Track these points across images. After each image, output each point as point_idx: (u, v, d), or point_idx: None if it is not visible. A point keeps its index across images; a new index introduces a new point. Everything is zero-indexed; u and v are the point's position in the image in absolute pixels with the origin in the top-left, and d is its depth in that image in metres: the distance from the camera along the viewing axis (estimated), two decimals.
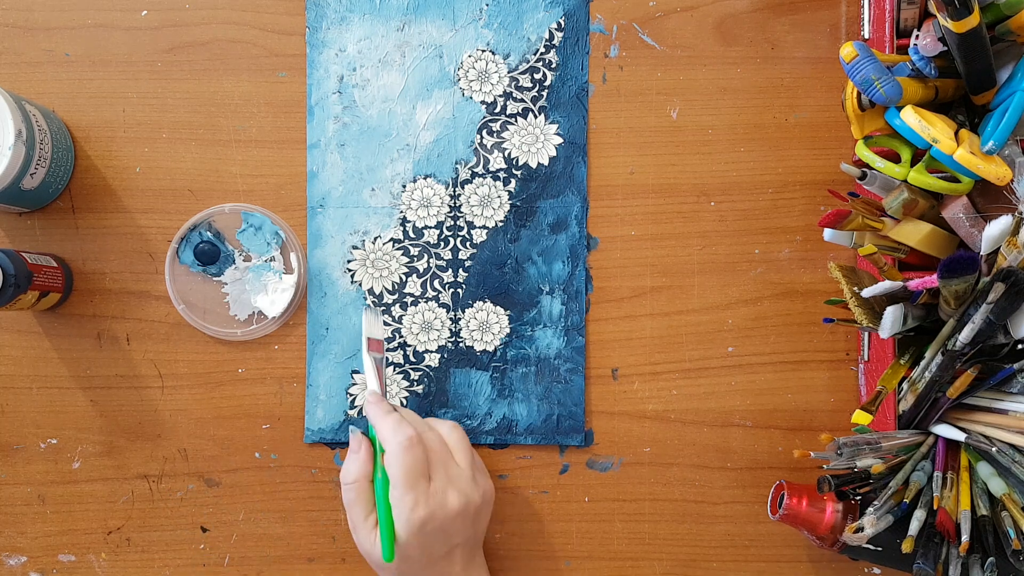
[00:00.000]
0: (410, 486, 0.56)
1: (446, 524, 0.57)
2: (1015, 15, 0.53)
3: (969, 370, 0.52)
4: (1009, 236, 0.49)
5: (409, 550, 0.56)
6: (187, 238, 0.65)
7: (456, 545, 0.59)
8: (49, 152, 0.62)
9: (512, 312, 0.66)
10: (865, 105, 0.56)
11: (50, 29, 0.66)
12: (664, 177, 0.66)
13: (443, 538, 0.57)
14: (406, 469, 0.56)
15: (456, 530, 0.58)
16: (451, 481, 0.58)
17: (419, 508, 0.56)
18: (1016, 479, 0.52)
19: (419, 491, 0.56)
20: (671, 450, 0.66)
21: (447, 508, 0.57)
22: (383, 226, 0.66)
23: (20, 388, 0.66)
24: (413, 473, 0.56)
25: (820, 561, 0.66)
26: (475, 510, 0.58)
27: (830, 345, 0.66)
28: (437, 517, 0.56)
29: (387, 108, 0.66)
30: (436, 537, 0.57)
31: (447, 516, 0.57)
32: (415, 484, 0.56)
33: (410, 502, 0.56)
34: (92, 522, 0.66)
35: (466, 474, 0.59)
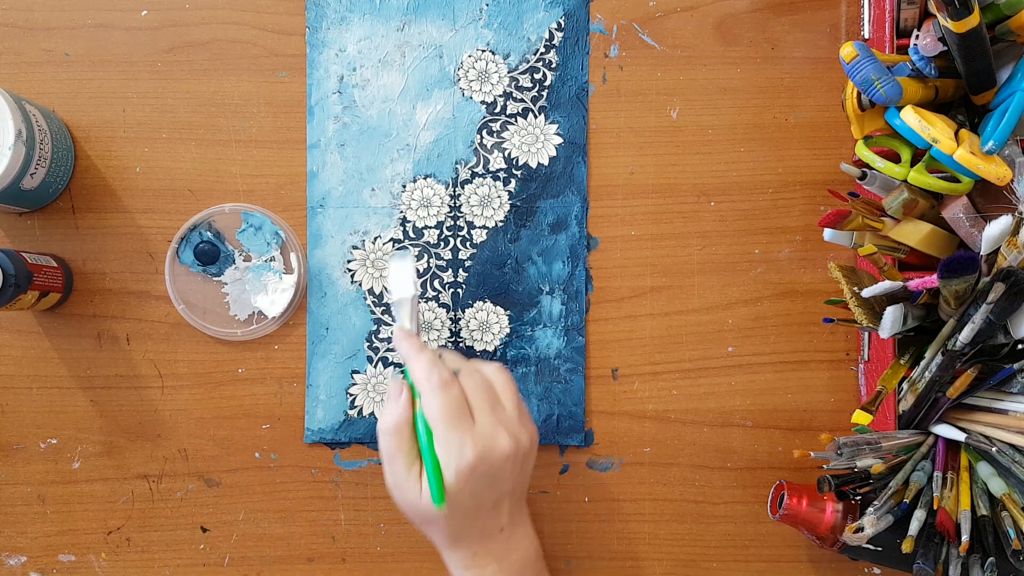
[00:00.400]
0: (453, 426, 0.52)
1: (496, 468, 0.53)
2: (1015, 15, 0.53)
3: (969, 370, 0.52)
4: (1009, 236, 0.49)
5: (459, 497, 0.52)
6: (187, 238, 0.65)
7: (505, 493, 0.55)
8: (49, 152, 0.62)
9: (512, 312, 0.66)
10: (865, 105, 0.56)
11: (50, 29, 0.66)
12: (664, 177, 0.66)
13: (494, 484, 0.54)
14: (445, 409, 0.52)
15: (506, 476, 0.54)
16: (499, 422, 0.54)
17: (467, 450, 0.52)
18: (1016, 479, 0.52)
19: (464, 431, 0.52)
20: (671, 450, 0.66)
21: (497, 450, 0.53)
22: (383, 226, 0.66)
23: (20, 388, 0.66)
24: (454, 413, 0.52)
25: (820, 561, 0.66)
26: (524, 454, 0.55)
27: (830, 345, 0.66)
28: (487, 460, 0.52)
29: (387, 108, 0.66)
30: (486, 482, 0.53)
31: (497, 459, 0.53)
32: (458, 424, 0.52)
33: (456, 444, 0.52)
34: (92, 522, 0.66)
35: (513, 416, 0.55)
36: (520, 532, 0.57)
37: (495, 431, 0.53)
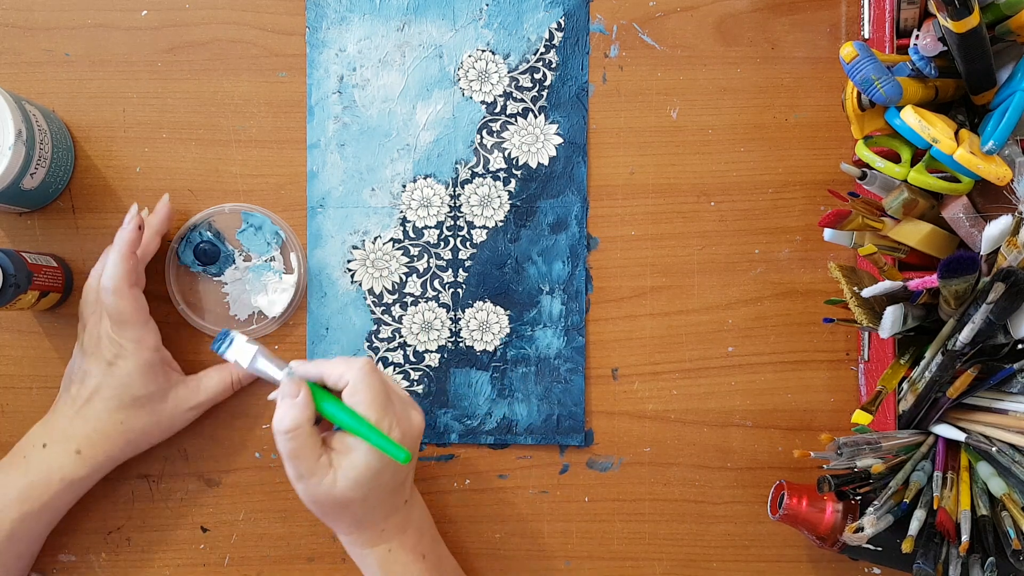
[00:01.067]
0: (384, 408, 0.54)
1: (412, 443, 0.56)
2: (1015, 15, 0.53)
3: (969, 370, 0.52)
4: (1009, 236, 0.49)
5: (382, 477, 0.55)
6: (187, 238, 0.65)
7: (411, 469, 0.58)
8: (49, 152, 0.62)
9: (512, 312, 0.66)
10: (865, 105, 0.56)
11: (50, 29, 0.66)
12: (664, 177, 0.66)
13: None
14: (377, 391, 0.54)
15: (416, 450, 0.57)
16: (406, 402, 0.57)
17: (395, 430, 0.54)
18: (1016, 479, 0.52)
19: (391, 413, 0.54)
20: (671, 450, 0.66)
21: (414, 428, 0.56)
22: (383, 226, 0.66)
23: (20, 388, 0.66)
24: (383, 394, 0.54)
25: (820, 561, 0.66)
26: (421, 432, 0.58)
27: (830, 345, 0.66)
28: (408, 437, 0.55)
29: (387, 108, 0.66)
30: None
31: (414, 434, 0.56)
32: (387, 405, 0.54)
33: (387, 425, 0.54)
34: (92, 522, 0.66)
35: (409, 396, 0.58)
36: (417, 502, 0.61)
37: (406, 409, 0.56)
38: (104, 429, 0.60)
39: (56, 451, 0.59)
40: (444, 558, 0.62)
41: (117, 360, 0.59)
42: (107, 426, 0.60)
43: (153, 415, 0.61)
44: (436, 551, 0.61)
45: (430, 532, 0.61)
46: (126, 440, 0.61)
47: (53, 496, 0.59)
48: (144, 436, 0.61)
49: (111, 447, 0.60)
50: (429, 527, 0.61)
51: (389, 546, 0.58)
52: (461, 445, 0.66)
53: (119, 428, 0.60)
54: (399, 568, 0.58)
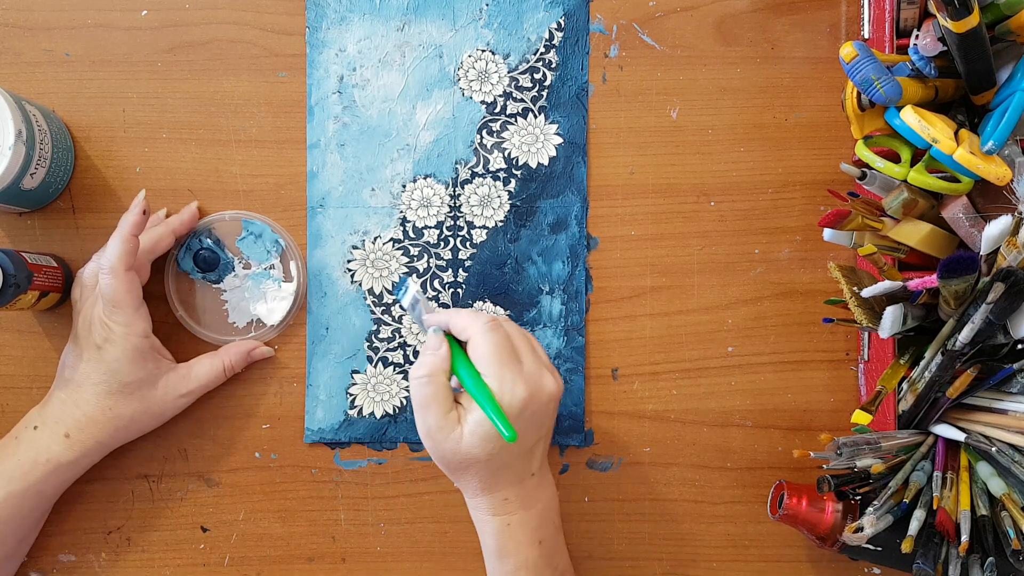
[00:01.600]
0: (505, 365, 0.53)
1: (541, 408, 0.54)
2: (1015, 15, 0.53)
3: (969, 370, 0.52)
4: (1009, 236, 0.49)
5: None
6: (187, 245, 0.65)
7: (541, 437, 0.57)
8: (49, 152, 0.62)
9: (512, 312, 0.66)
10: (865, 105, 0.56)
11: (50, 29, 0.66)
12: (664, 177, 0.66)
13: (537, 425, 0.55)
14: (497, 349, 0.53)
15: (547, 417, 0.56)
16: (542, 368, 0.55)
17: (519, 388, 0.53)
18: (1016, 479, 0.52)
19: (515, 371, 0.53)
20: (671, 450, 0.66)
21: (544, 390, 0.54)
22: (383, 226, 0.66)
23: (20, 388, 0.66)
24: (505, 353, 0.54)
25: (820, 561, 0.66)
26: (558, 398, 0.56)
27: (830, 345, 0.66)
28: (536, 399, 0.54)
29: (387, 108, 0.66)
30: (532, 423, 0.55)
31: (544, 398, 0.54)
32: (510, 363, 0.53)
33: (510, 380, 0.53)
34: (92, 522, 0.66)
35: (548, 363, 0.57)
36: (546, 482, 0.59)
37: (540, 371, 0.55)
38: (92, 414, 0.60)
39: (45, 434, 0.60)
40: (559, 551, 0.60)
41: (106, 345, 0.59)
42: (95, 411, 0.60)
43: (142, 402, 0.61)
44: (555, 541, 0.59)
45: (554, 521, 0.59)
46: (115, 427, 0.61)
47: (39, 478, 0.59)
48: (133, 423, 0.61)
49: (99, 432, 0.60)
50: (554, 515, 0.59)
51: (509, 520, 0.57)
52: None
53: (108, 414, 0.60)
54: (513, 546, 0.57)
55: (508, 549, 0.57)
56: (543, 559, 0.57)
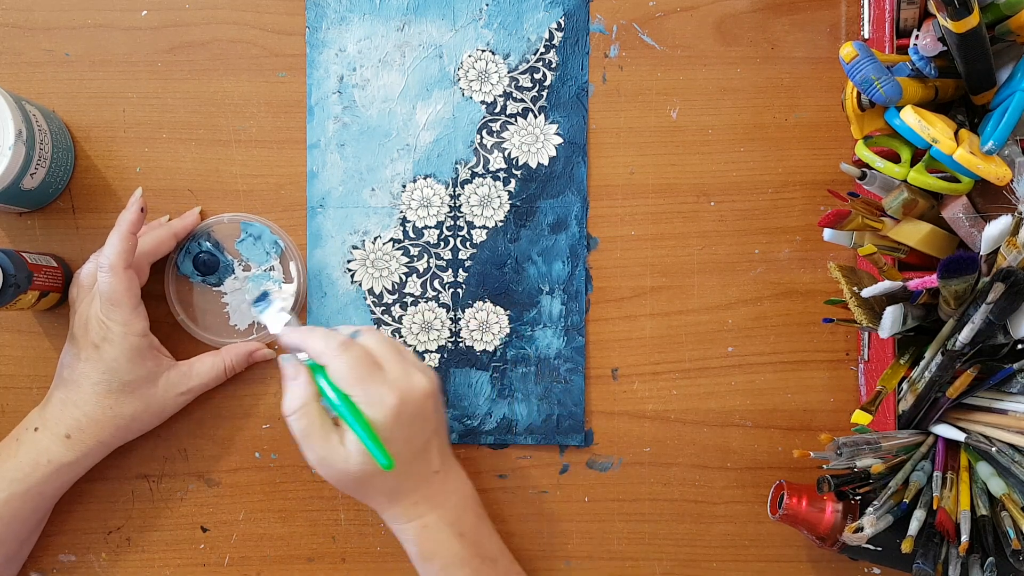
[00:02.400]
0: (367, 380, 0.54)
1: (419, 407, 0.55)
2: (1015, 15, 0.53)
3: (969, 370, 0.52)
4: (1009, 236, 0.49)
5: (392, 447, 0.54)
6: (186, 248, 0.65)
7: (431, 433, 0.57)
8: (49, 152, 0.62)
9: (512, 312, 0.66)
10: (865, 105, 0.56)
11: (50, 29, 0.66)
12: (664, 177, 0.66)
13: (420, 425, 0.56)
14: (353, 365, 0.54)
15: (429, 414, 0.56)
16: (410, 368, 0.56)
17: (387, 398, 0.53)
18: (1016, 479, 0.52)
19: (379, 382, 0.54)
20: (671, 450, 0.66)
21: (416, 389, 0.55)
22: (383, 226, 0.66)
23: (20, 388, 0.66)
24: (364, 368, 0.54)
25: (820, 561, 0.66)
26: (437, 392, 0.57)
27: (830, 345, 0.66)
28: (409, 401, 0.54)
29: (387, 108, 0.66)
30: (414, 424, 0.55)
31: (418, 397, 0.55)
32: (371, 377, 0.54)
33: (376, 395, 0.53)
34: (92, 522, 0.66)
35: (416, 362, 0.57)
36: (453, 475, 0.59)
37: (407, 373, 0.55)
38: (93, 414, 0.60)
39: (46, 435, 0.60)
40: (486, 539, 0.60)
41: (103, 344, 0.59)
42: (95, 411, 0.60)
43: (142, 400, 0.61)
44: (478, 530, 0.59)
45: (473, 511, 0.59)
46: (115, 426, 0.61)
47: (40, 479, 0.59)
48: (134, 422, 0.61)
49: (100, 432, 0.60)
50: (472, 506, 0.60)
51: (424, 521, 0.57)
52: (461, 445, 0.66)
53: (108, 414, 0.60)
54: (434, 546, 0.57)
55: (430, 551, 0.57)
56: (468, 551, 0.58)
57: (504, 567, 0.60)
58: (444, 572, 0.58)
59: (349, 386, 0.54)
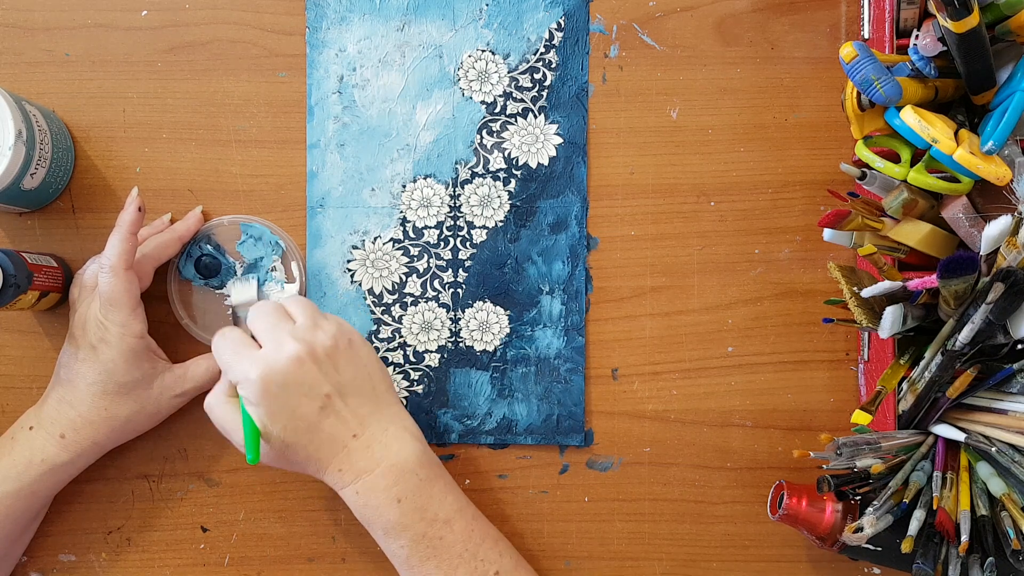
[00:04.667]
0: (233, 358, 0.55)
1: (289, 375, 0.55)
2: (1015, 15, 0.53)
3: (969, 370, 0.52)
4: (1009, 236, 0.49)
5: (272, 419, 0.55)
6: (187, 252, 0.65)
7: (325, 395, 0.56)
8: (49, 152, 0.62)
9: (512, 312, 0.66)
10: (865, 105, 0.56)
11: (50, 29, 0.66)
12: (664, 177, 0.66)
13: (299, 392, 0.55)
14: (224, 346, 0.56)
15: (310, 378, 0.55)
16: (281, 335, 0.56)
17: (250, 370, 0.54)
18: (1016, 479, 0.52)
19: (244, 357, 0.55)
20: (671, 450, 0.66)
21: (281, 359, 0.55)
22: (383, 226, 0.66)
23: (20, 388, 0.66)
24: (231, 348, 0.56)
25: (820, 561, 0.66)
26: (325, 353, 0.56)
27: (830, 345, 0.66)
28: (274, 370, 0.54)
29: (387, 108, 0.66)
30: (290, 394, 0.55)
31: (284, 365, 0.55)
32: (238, 353, 0.55)
33: (239, 370, 0.55)
34: (92, 522, 0.66)
35: (304, 324, 0.57)
36: (386, 439, 0.58)
37: (277, 344, 0.56)
38: (88, 415, 0.60)
39: (41, 434, 0.60)
40: (436, 501, 0.57)
41: (101, 345, 0.59)
42: (91, 412, 0.60)
43: (137, 402, 0.61)
44: (420, 495, 0.57)
45: (413, 475, 0.57)
46: (110, 427, 0.61)
47: (34, 479, 0.59)
48: (129, 423, 0.61)
49: (95, 433, 0.60)
50: (414, 467, 0.57)
51: (355, 488, 0.57)
52: (461, 445, 0.66)
53: (103, 415, 0.60)
54: (368, 512, 0.57)
55: (368, 517, 0.57)
56: (409, 516, 0.56)
57: (462, 527, 0.58)
58: (386, 537, 0.57)
59: (225, 371, 0.56)
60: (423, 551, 0.57)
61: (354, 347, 0.58)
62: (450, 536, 0.57)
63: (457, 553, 0.57)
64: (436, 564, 0.57)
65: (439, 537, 0.57)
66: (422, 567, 0.57)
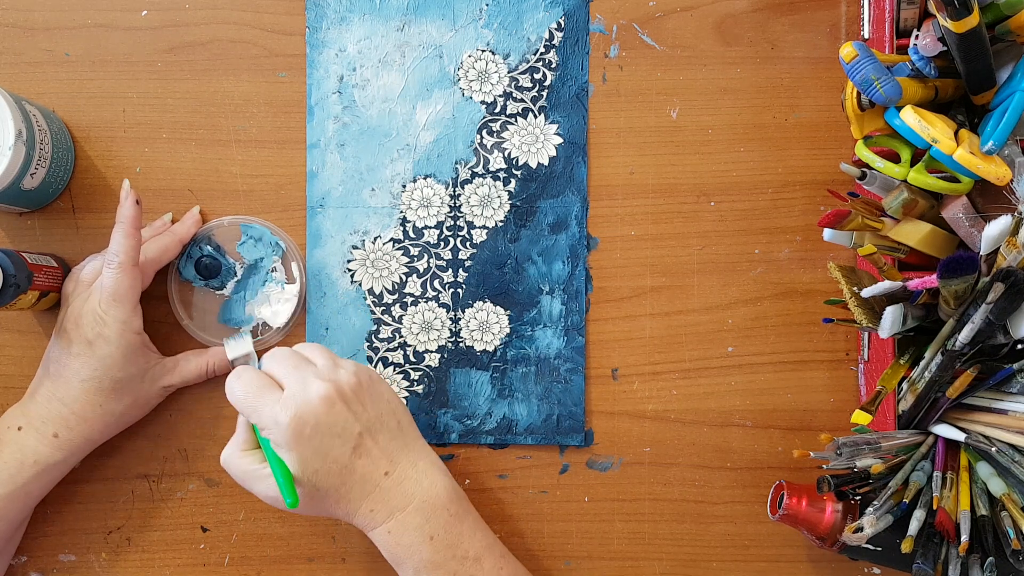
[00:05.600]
0: (258, 402, 0.54)
1: (321, 416, 0.53)
2: (1015, 15, 0.53)
3: (969, 370, 0.52)
4: (1009, 236, 0.49)
5: (305, 464, 0.54)
6: (188, 253, 0.65)
7: (357, 435, 0.55)
8: (49, 152, 0.62)
9: (512, 312, 0.66)
10: (865, 105, 0.56)
11: (50, 29, 0.66)
12: (664, 177, 0.66)
13: (331, 433, 0.54)
14: (245, 391, 0.54)
15: (341, 419, 0.54)
16: (306, 376, 0.55)
17: (280, 414, 0.53)
18: (1016, 479, 0.52)
19: (270, 400, 0.54)
20: (671, 450, 0.66)
21: (312, 400, 0.53)
22: (383, 226, 0.66)
23: (20, 388, 0.66)
24: (254, 390, 0.54)
25: (820, 561, 0.66)
26: (352, 391, 0.55)
27: (830, 345, 0.66)
28: (307, 412, 0.53)
29: (387, 108, 0.66)
30: (323, 436, 0.54)
31: (315, 406, 0.53)
32: (262, 397, 0.54)
33: (268, 415, 0.53)
34: (92, 522, 0.66)
35: (326, 365, 0.56)
36: (416, 475, 0.57)
37: (303, 385, 0.54)
38: (82, 412, 0.59)
39: (31, 434, 0.59)
40: (465, 538, 0.57)
41: (97, 340, 0.58)
42: (85, 408, 0.59)
43: (131, 395, 0.61)
44: (452, 532, 0.56)
45: (448, 509, 0.56)
46: (105, 423, 0.60)
47: (27, 480, 0.59)
48: (123, 418, 0.61)
49: (89, 430, 0.60)
50: (446, 503, 0.57)
51: (388, 528, 0.56)
52: (461, 445, 0.66)
53: (98, 411, 0.60)
54: (403, 551, 0.56)
55: (398, 556, 0.56)
56: (441, 553, 0.56)
57: (491, 565, 0.57)
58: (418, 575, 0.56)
59: (248, 415, 0.55)
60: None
61: (375, 384, 0.58)
62: (480, 574, 0.57)
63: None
64: None
65: (470, 573, 0.56)
66: None
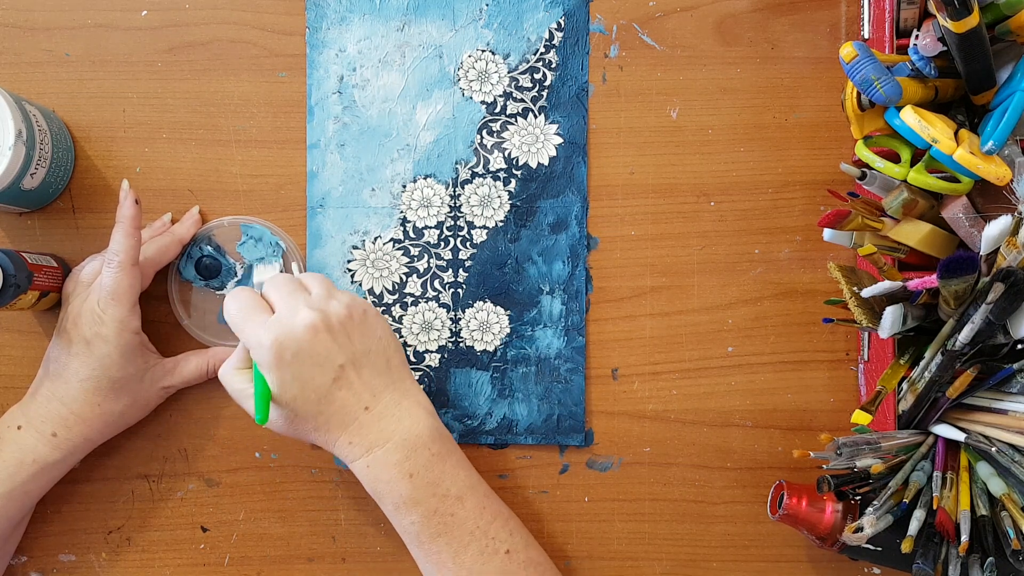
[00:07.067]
0: (246, 321, 0.55)
1: (303, 343, 0.54)
2: (1015, 15, 0.53)
3: (969, 370, 0.52)
4: (1009, 236, 0.49)
5: (287, 387, 0.55)
6: (188, 253, 0.65)
7: (339, 366, 0.55)
8: (49, 152, 0.62)
9: (512, 312, 0.66)
10: (865, 105, 0.56)
11: (50, 29, 0.66)
12: (664, 177, 0.66)
13: (312, 361, 0.55)
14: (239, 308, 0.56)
15: (324, 348, 0.55)
16: (297, 304, 0.55)
17: (264, 336, 0.54)
18: (1016, 479, 0.52)
19: (257, 322, 0.55)
20: (671, 450, 0.66)
21: (297, 327, 0.54)
22: (383, 226, 0.66)
23: (20, 388, 0.66)
24: (246, 310, 0.56)
25: (820, 561, 0.66)
26: (339, 323, 0.56)
27: (830, 345, 0.66)
28: (290, 337, 0.54)
29: (387, 108, 0.66)
30: (303, 363, 0.54)
31: (299, 333, 0.54)
32: (251, 317, 0.55)
33: (252, 335, 0.54)
34: (92, 522, 0.66)
35: (320, 294, 0.57)
36: (399, 412, 0.57)
37: (292, 312, 0.55)
38: (81, 411, 0.59)
39: (30, 433, 0.59)
40: (449, 477, 0.57)
41: (96, 340, 0.58)
42: (84, 408, 0.59)
43: (130, 396, 0.61)
44: (432, 471, 0.56)
45: (425, 450, 0.56)
46: (104, 422, 0.60)
47: (26, 479, 0.59)
48: (122, 418, 0.61)
49: (88, 430, 0.60)
50: (427, 442, 0.56)
51: (366, 461, 0.56)
52: (461, 445, 0.66)
53: (96, 411, 0.60)
54: (379, 486, 0.56)
55: (379, 491, 0.57)
56: (421, 491, 0.56)
57: (474, 504, 0.57)
58: (396, 512, 0.57)
59: (237, 333, 0.56)
60: (434, 527, 0.56)
61: (368, 319, 0.58)
62: (461, 513, 0.57)
63: (468, 531, 0.57)
64: (447, 541, 0.56)
65: (450, 514, 0.56)
66: (432, 544, 0.56)
